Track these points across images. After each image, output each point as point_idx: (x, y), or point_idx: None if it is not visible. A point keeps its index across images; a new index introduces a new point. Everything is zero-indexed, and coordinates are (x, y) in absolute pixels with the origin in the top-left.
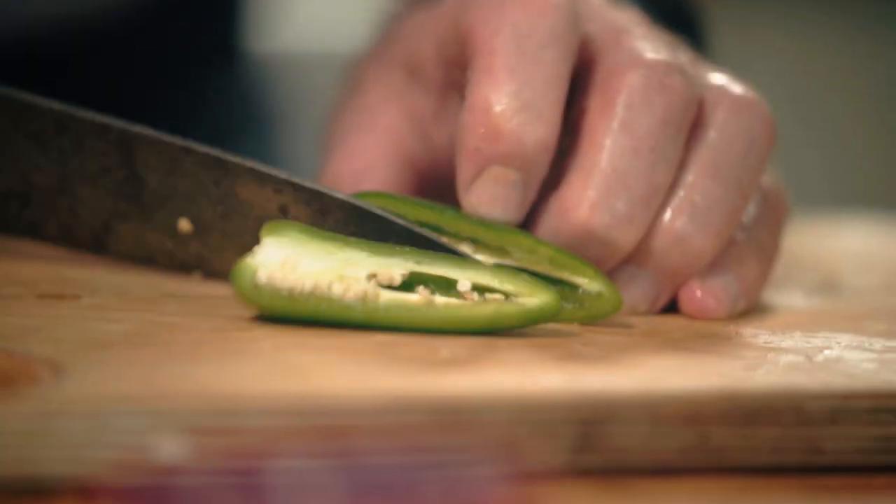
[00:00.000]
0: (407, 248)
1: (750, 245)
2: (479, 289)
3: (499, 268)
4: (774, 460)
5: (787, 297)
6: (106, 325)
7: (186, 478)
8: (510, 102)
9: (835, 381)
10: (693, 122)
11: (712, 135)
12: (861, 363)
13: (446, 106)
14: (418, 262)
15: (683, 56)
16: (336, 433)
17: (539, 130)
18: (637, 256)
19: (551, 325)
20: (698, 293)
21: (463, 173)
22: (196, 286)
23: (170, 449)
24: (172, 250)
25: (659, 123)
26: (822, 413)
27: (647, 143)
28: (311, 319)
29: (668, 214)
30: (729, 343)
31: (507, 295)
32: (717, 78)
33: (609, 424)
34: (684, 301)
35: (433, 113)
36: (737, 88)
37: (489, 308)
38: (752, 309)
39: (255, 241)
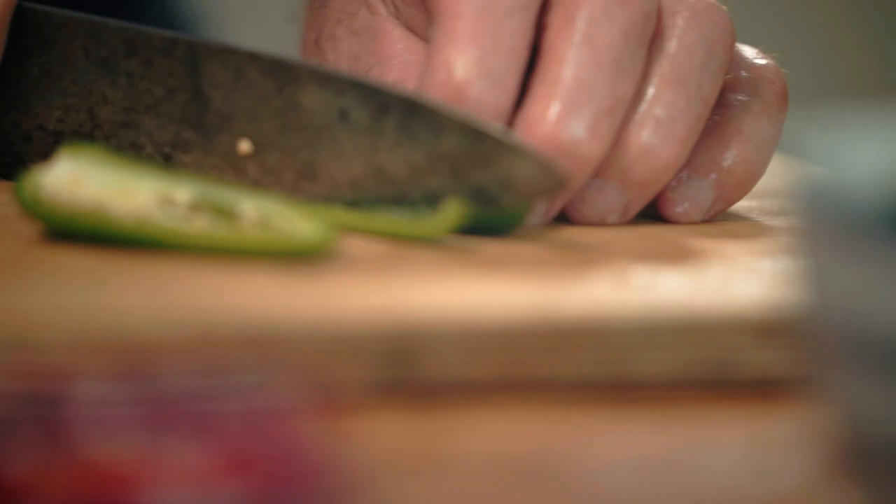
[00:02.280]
0: (199, 178)
1: (737, 137)
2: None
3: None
4: (583, 381)
5: None
6: None
7: None
8: (473, 68)
9: (643, 303)
10: (654, 32)
11: (672, 44)
12: (671, 284)
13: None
14: (204, 189)
15: None
16: (136, 352)
17: (499, 98)
18: (604, 170)
19: (371, 246)
20: (672, 205)
21: None
22: (2, 207)
23: None
24: (231, 177)
25: (620, 36)
26: (630, 336)
27: (608, 55)
28: (90, 235)
29: (631, 128)
30: (541, 265)
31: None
32: None
33: (420, 350)
34: (660, 206)
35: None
36: None
37: (259, 237)
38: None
39: (313, 155)
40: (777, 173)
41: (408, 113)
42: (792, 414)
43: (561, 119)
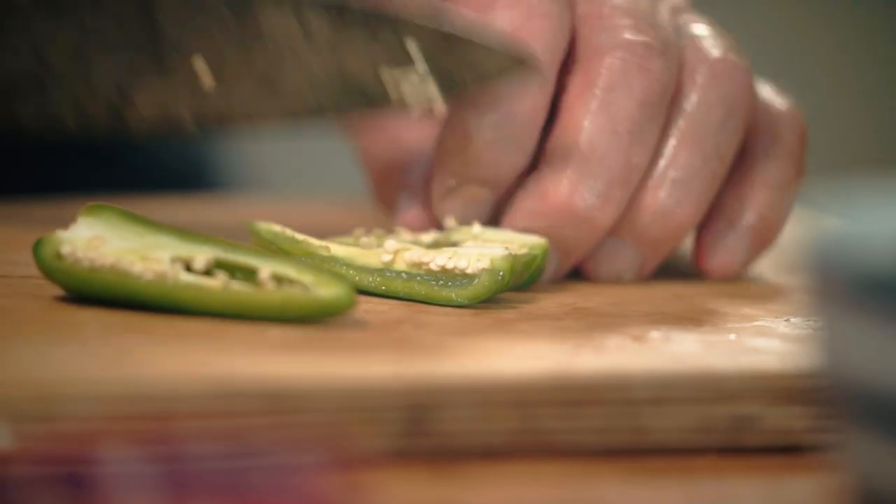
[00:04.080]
0: (218, 239)
1: (759, 184)
2: (279, 279)
3: (302, 262)
4: (600, 443)
5: None
6: None
7: (9, 467)
8: (492, 133)
9: (659, 362)
10: (674, 96)
11: (691, 102)
12: (686, 344)
13: None
14: (224, 251)
15: (668, 20)
16: (159, 419)
17: (516, 159)
18: (619, 230)
19: (383, 309)
20: (707, 257)
21: (438, 185)
22: (20, 267)
23: None
24: (193, 105)
25: (637, 105)
26: (646, 396)
27: (625, 125)
28: (109, 297)
29: (647, 189)
30: (558, 325)
31: (304, 286)
32: (698, 36)
33: (436, 410)
34: (697, 260)
35: None
36: (716, 50)
37: (279, 295)
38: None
39: (276, 77)
40: (792, 229)
41: (370, 21)
42: (809, 475)
43: (575, 187)
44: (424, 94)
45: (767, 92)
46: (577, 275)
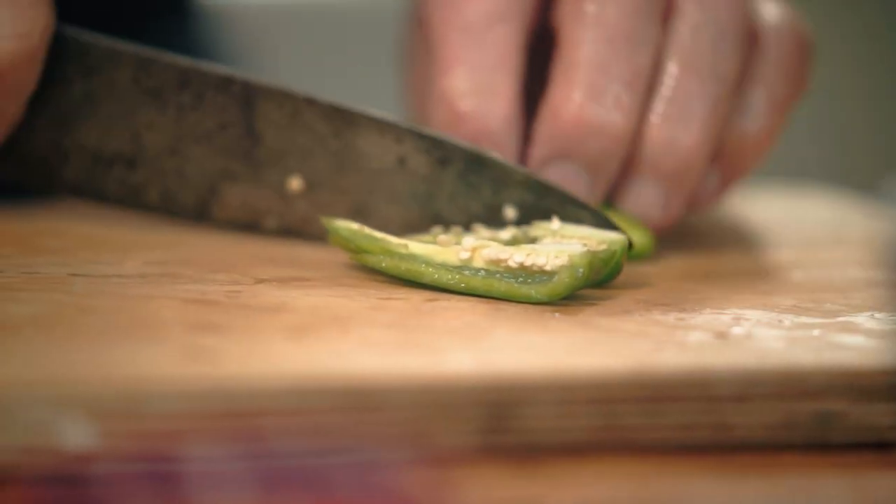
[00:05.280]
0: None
1: (735, 114)
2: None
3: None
4: (683, 439)
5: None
6: (13, 306)
7: (97, 464)
8: (464, 86)
9: (743, 359)
10: (665, 13)
11: (681, 28)
12: (769, 341)
13: None
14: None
15: None
16: (244, 417)
17: (498, 107)
18: (634, 167)
19: (462, 306)
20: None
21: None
22: (104, 266)
23: (78, 435)
24: (279, 211)
25: (630, 12)
26: (729, 392)
27: (621, 31)
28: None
29: (651, 120)
30: (638, 320)
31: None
32: None
33: (518, 407)
34: None
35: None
36: None
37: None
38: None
39: (367, 197)
40: (875, 223)
41: (470, 165)
42: (895, 471)
43: (584, 100)
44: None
45: (770, 9)
46: (653, 268)
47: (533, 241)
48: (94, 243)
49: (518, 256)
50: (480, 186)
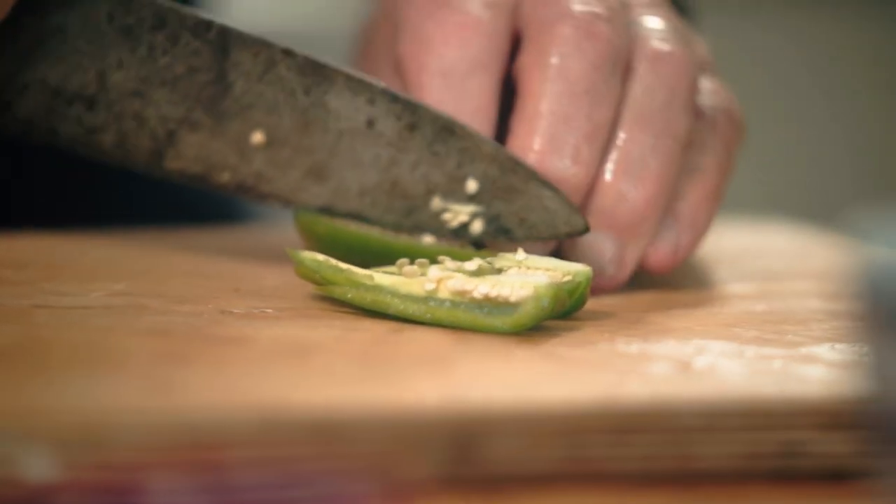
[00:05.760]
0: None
1: (687, 171)
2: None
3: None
4: (648, 469)
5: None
6: None
7: (60, 497)
8: None
9: (707, 390)
10: (625, 71)
11: (636, 88)
12: (732, 372)
13: None
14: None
15: (618, 2)
16: (207, 449)
17: None
18: (592, 221)
19: (427, 337)
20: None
21: None
22: (67, 298)
23: (41, 468)
24: (235, 165)
25: (591, 67)
26: (694, 423)
27: (581, 85)
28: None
29: (606, 173)
30: (603, 351)
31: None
32: (645, 29)
33: (483, 438)
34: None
35: None
36: (656, 41)
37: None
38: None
39: (328, 158)
40: (835, 255)
41: (439, 134)
42: (858, 501)
43: (543, 150)
44: (467, 232)
45: (707, 85)
46: (617, 299)
47: (498, 271)
48: (57, 273)
49: (483, 287)
50: (446, 156)
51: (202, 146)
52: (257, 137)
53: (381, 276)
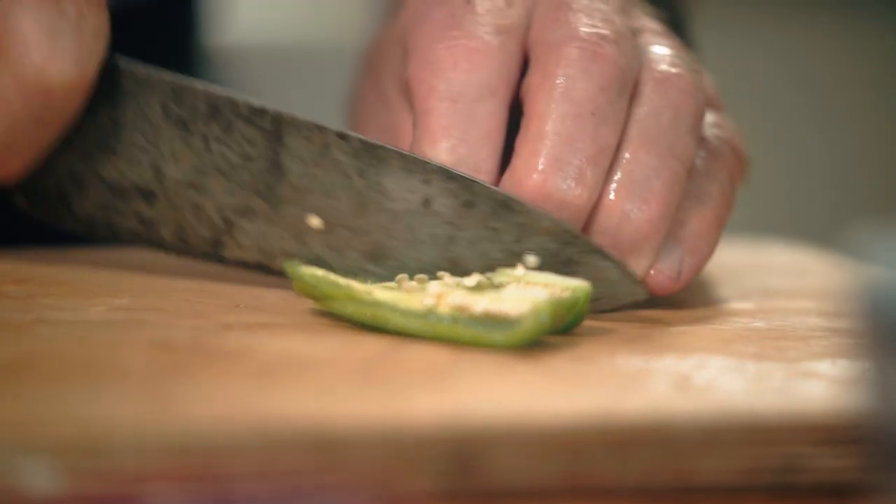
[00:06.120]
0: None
1: (691, 199)
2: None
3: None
4: (647, 484)
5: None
6: None
7: None
8: (448, 159)
9: (706, 406)
10: (632, 92)
11: (642, 109)
12: (732, 387)
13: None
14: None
15: (627, 23)
16: (207, 462)
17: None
18: (594, 238)
19: (426, 352)
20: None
21: None
22: (69, 312)
23: (43, 480)
24: (293, 251)
25: (597, 89)
26: (693, 439)
27: (587, 107)
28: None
29: (611, 192)
30: (602, 367)
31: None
32: (653, 53)
33: (482, 453)
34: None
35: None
36: (664, 65)
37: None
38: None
39: (386, 239)
40: (835, 274)
41: (496, 210)
42: None
43: (547, 171)
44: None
45: (710, 118)
46: (615, 315)
47: (498, 287)
48: (59, 288)
49: (482, 303)
50: (504, 232)
51: (260, 233)
52: (314, 222)
53: (380, 292)
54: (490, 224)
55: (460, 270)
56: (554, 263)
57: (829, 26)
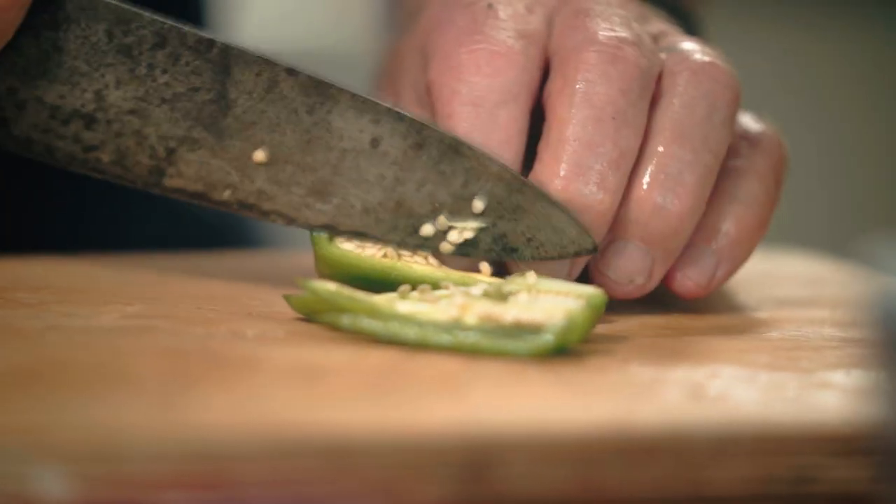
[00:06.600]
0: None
1: (731, 199)
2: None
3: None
4: (661, 494)
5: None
6: None
7: None
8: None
9: (720, 415)
10: (656, 91)
11: (674, 102)
12: (746, 397)
13: None
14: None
15: (646, 29)
16: (219, 470)
17: None
18: (622, 230)
19: (439, 359)
20: (676, 275)
21: None
22: (80, 320)
23: (55, 487)
24: (235, 184)
25: (617, 92)
26: (706, 449)
27: (608, 111)
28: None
29: (642, 185)
30: (615, 376)
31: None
32: (682, 46)
33: (495, 462)
34: (668, 284)
35: None
36: (698, 55)
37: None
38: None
39: (332, 176)
40: (849, 284)
41: (445, 153)
42: None
43: (569, 176)
44: (473, 253)
45: (748, 118)
46: (629, 324)
47: (507, 295)
48: (70, 296)
49: (513, 312)
50: (452, 176)
51: (202, 164)
52: (259, 156)
53: (401, 304)
54: (439, 167)
55: (405, 212)
56: (501, 209)
57: (848, 27)
